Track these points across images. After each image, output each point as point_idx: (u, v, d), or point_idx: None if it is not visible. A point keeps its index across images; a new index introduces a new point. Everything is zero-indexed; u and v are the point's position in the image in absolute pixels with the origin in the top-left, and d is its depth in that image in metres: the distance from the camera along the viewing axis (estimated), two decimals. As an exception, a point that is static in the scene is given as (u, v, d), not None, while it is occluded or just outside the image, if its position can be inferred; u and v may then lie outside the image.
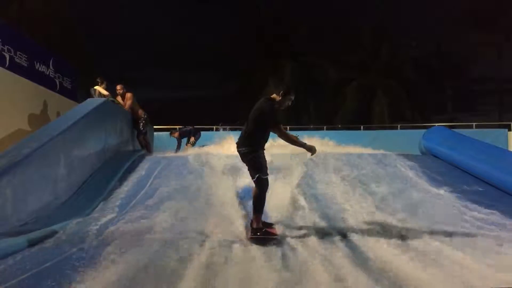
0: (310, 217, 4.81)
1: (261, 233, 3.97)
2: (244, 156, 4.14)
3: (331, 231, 4.24)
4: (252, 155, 4.07)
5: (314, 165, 6.97)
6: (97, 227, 4.54)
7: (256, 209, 4.06)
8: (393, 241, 3.86)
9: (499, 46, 22.92)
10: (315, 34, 23.67)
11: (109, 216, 4.98)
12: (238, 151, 4.19)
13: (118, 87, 9.01)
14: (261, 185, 4.04)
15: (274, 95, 4.21)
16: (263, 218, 4.21)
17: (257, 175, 4.02)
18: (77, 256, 3.60)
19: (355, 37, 23.20)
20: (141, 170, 7.14)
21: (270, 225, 4.25)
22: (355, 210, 5.00)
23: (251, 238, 3.94)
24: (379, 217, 4.69)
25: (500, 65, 22.84)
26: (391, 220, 4.56)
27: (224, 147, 8.98)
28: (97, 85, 8.76)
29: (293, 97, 4.22)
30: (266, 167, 4.11)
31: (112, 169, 6.95)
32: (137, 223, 4.60)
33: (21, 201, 4.47)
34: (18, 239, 3.89)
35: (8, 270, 3.27)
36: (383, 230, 4.19)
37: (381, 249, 3.66)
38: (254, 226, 4.05)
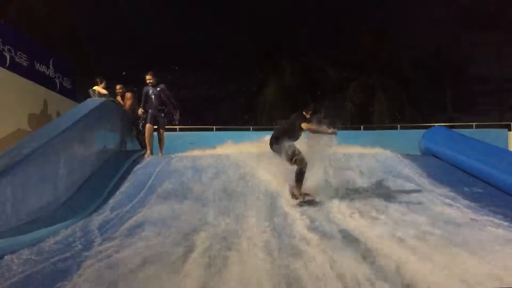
0: (309, 214, 4.83)
1: (299, 196, 5.32)
2: (278, 149, 5.50)
3: (330, 230, 4.26)
4: (285, 149, 5.41)
5: (314, 165, 6.96)
6: (97, 227, 4.55)
7: (296, 180, 5.44)
8: (393, 240, 3.86)
9: (499, 46, 22.89)
10: (315, 34, 23.65)
11: (109, 216, 4.99)
12: (272, 147, 5.60)
13: (118, 87, 9.00)
14: (299, 164, 5.40)
15: (304, 112, 5.58)
16: None
17: (294, 158, 5.36)
18: (77, 256, 3.60)
19: (355, 37, 23.17)
20: (141, 170, 7.15)
21: (307, 194, 5.48)
22: (354, 210, 5.00)
23: (295, 200, 5.28)
24: (379, 217, 4.69)
25: (500, 65, 22.82)
26: (392, 220, 4.56)
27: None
28: (96, 85, 8.75)
29: (316, 117, 5.64)
30: (299, 151, 5.42)
31: (112, 169, 6.96)
32: (137, 223, 4.61)
33: (21, 201, 4.47)
34: (17, 239, 3.90)
35: (7, 269, 3.27)
36: (383, 230, 4.19)
37: (381, 248, 3.66)
38: (295, 193, 5.40)
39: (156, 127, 8.61)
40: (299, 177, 5.46)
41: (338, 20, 24.27)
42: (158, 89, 8.33)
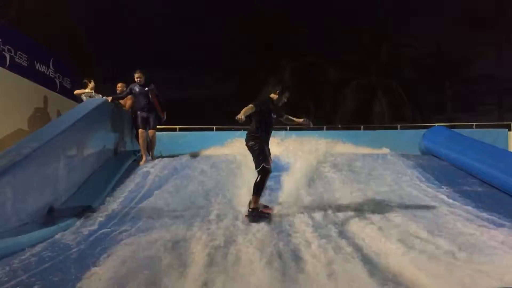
0: (308, 213, 4.84)
1: (257, 212, 4.62)
2: (250, 149, 4.84)
3: (329, 229, 4.28)
4: (256, 147, 4.76)
5: (314, 164, 6.98)
6: (97, 227, 4.55)
7: (256, 192, 4.68)
8: (391, 240, 3.86)
9: (499, 46, 22.88)
10: (315, 34, 23.65)
11: (109, 216, 4.99)
12: (246, 145, 4.89)
13: (119, 85, 8.95)
14: (264, 173, 4.72)
15: (272, 95, 5.01)
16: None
17: (262, 165, 4.71)
18: (77, 256, 3.60)
19: (355, 37, 23.16)
20: (141, 169, 7.15)
21: (266, 206, 4.91)
22: (353, 209, 5.01)
23: (246, 216, 4.62)
24: (379, 217, 4.69)
25: (500, 65, 22.80)
26: (391, 220, 4.55)
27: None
28: (85, 86, 8.67)
29: (288, 95, 5.02)
30: (269, 159, 4.83)
31: (112, 169, 6.96)
32: (137, 223, 4.61)
33: (21, 201, 4.46)
34: (18, 239, 3.89)
35: (8, 270, 3.27)
36: (382, 230, 4.19)
37: (380, 248, 3.66)
38: (252, 206, 4.66)
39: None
40: (259, 188, 4.70)
41: (338, 20, 24.29)
42: (146, 88, 7.83)
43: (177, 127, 12.03)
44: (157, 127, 8.44)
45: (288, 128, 12.69)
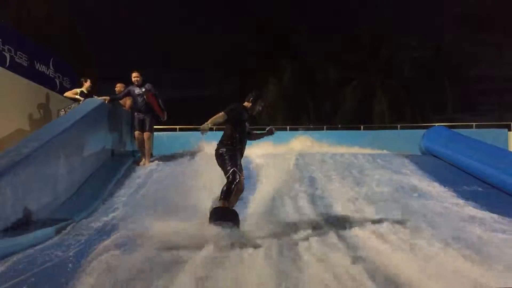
0: (307, 213, 4.83)
1: (224, 209, 4.18)
2: (220, 156, 4.41)
3: (328, 230, 4.26)
4: (226, 154, 4.36)
5: (314, 165, 6.98)
6: (97, 227, 4.55)
7: (223, 197, 4.23)
8: (392, 241, 3.86)
9: (499, 46, 22.90)
10: (315, 34, 23.68)
11: (109, 216, 4.99)
12: (215, 153, 4.46)
13: (119, 85, 8.93)
14: (232, 179, 4.26)
15: (245, 103, 4.62)
16: None
17: (232, 169, 4.27)
18: (77, 256, 3.60)
19: (355, 37, 23.17)
20: (141, 170, 7.15)
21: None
22: (354, 209, 5.01)
23: (212, 209, 4.20)
24: (378, 217, 4.69)
25: (500, 65, 22.83)
26: (391, 221, 4.55)
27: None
28: (82, 85, 8.64)
29: (263, 103, 4.70)
30: (239, 164, 4.40)
31: (112, 169, 6.95)
32: (137, 223, 4.60)
33: (21, 201, 4.46)
34: (17, 240, 3.89)
35: (7, 270, 3.27)
36: (382, 230, 4.19)
37: (380, 249, 3.66)
38: (220, 205, 4.23)
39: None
40: (226, 195, 4.23)
41: (338, 20, 24.33)
42: (143, 89, 7.54)
43: (177, 127, 12.05)
44: (157, 126, 8.28)
45: (288, 129, 12.75)
